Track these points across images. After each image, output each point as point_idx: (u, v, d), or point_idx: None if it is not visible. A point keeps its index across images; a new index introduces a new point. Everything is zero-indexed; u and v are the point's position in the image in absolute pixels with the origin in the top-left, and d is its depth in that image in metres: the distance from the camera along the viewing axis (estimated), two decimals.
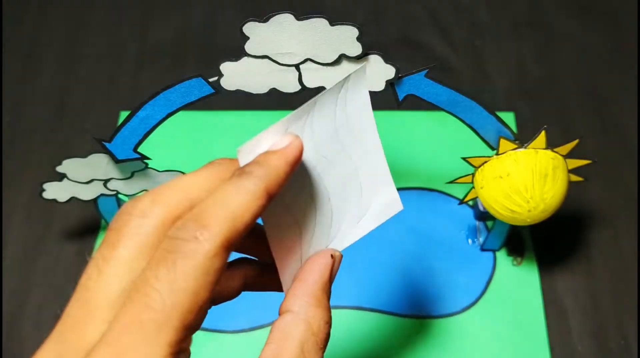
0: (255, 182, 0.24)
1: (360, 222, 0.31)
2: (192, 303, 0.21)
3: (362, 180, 0.31)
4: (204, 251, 0.22)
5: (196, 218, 0.22)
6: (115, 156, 0.40)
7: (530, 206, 0.40)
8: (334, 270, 0.29)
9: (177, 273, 0.21)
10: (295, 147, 0.27)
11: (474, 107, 0.39)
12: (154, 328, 0.21)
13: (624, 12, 0.63)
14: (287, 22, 0.33)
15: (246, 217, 0.23)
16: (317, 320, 0.26)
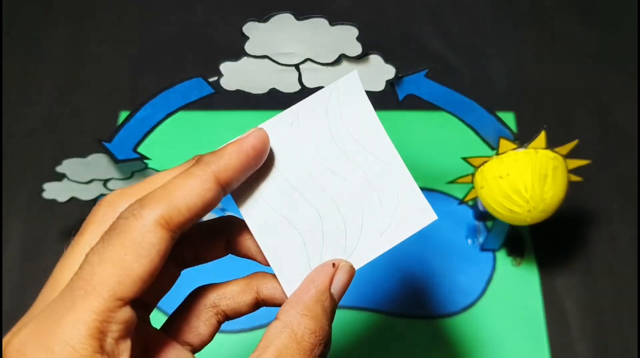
0: (203, 168, 0.26)
1: (384, 234, 0.30)
2: (122, 275, 0.23)
3: (378, 190, 0.30)
4: (137, 226, 0.23)
5: (140, 200, 0.24)
6: (115, 156, 0.40)
7: (530, 206, 0.40)
8: (337, 279, 0.28)
9: (109, 246, 0.23)
10: (255, 136, 0.28)
11: (474, 107, 0.39)
12: (81, 295, 0.22)
13: (624, 12, 0.63)
14: (287, 22, 0.33)
15: (188, 198, 0.24)
16: (301, 329, 0.26)
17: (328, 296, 0.27)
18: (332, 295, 0.27)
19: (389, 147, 0.31)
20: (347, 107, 0.30)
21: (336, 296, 0.28)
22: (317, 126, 0.30)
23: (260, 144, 0.28)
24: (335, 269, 0.28)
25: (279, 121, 0.30)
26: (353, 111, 0.30)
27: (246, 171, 0.27)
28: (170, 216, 0.24)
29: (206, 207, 0.25)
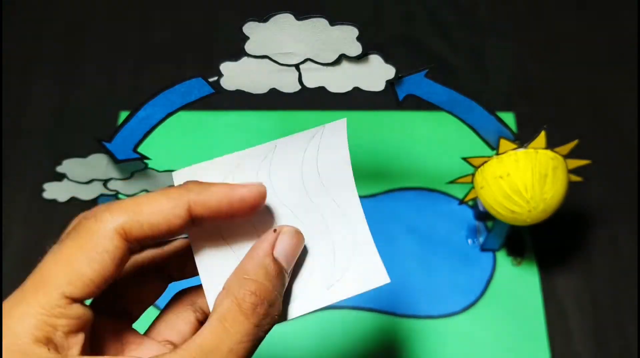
0: (181, 193, 0.26)
1: (332, 287, 0.29)
2: (72, 275, 0.24)
3: (335, 242, 0.30)
4: (96, 230, 0.24)
5: (108, 205, 0.25)
6: (115, 156, 0.40)
7: (530, 206, 0.40)
8: (280, 244, 0.28)
9: (65, 245, 0.25)
10: (250, 190, 0.27)
11: (474, 107, 0.39)
12: (32, 291, 0.24)
13: (624, 12, 0.63)
14: (287, 22, 0.33)
15: (154, 217, 0.25)
16: (242, 292, 0.26)
17: (271, 260, 0.27)
18: (276, 259, 0.27)
19: (355, 200, 0.30)
20: (326, 152, 0.30)
21: (282, 260, 0.27)
22: (290, 164, 0.30)
23: (252, 199, 0.27)
24: (276, 234, 0.28)
25: (254, 151, 0.30)
26: (330, 156, 0.30)
27: (225, 216, 0.27)
28: (130, 228, 0.24)
29: (170, 231, 0.25)
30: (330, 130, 0.30)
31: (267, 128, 0.56)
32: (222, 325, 0.25)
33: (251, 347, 0.26)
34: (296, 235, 0.28)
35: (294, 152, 0.30)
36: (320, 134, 0.30)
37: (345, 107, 0.56)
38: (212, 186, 0.26)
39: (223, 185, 0.27)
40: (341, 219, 0.30)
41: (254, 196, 0.27)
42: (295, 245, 0.28)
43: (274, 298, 0.26)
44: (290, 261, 0.28)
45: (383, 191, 0.53)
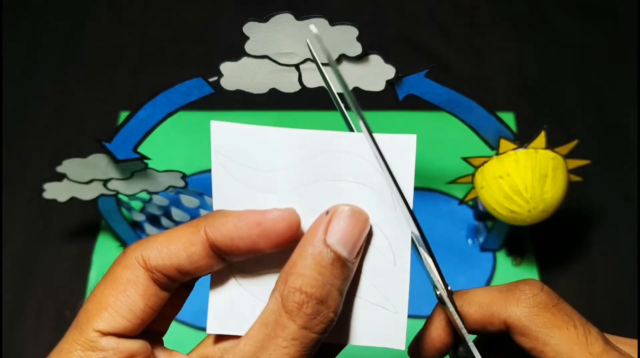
0: (198, 221, 0.24)
1: (345, 329, 0.26)
2: (99, 308, 0.24)
3: (369, 282, 0.26)
4: (119, 262, 0.24)
5: (141, 240, 0.25)
6: (115, 156, 0.40)
7: (530, 206, 0.40)
8: (334, 228, 0.23)
9: (99, 283, 0.25)
10: (274, 216, 0.23)
11: (474, 107, 0.39)
12: (71, 329, 0.24)
13: (624, 12, 0.63)
14: (287, 22, 0.33)
15: (173, 245, 0.24)
16: (287, 289, 0.22)
17: (324, 248, 0.23)
18: (330, 246, 0.23)
19: (407, 251, 0.26)
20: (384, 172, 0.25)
21: (339, 247, 0.23)
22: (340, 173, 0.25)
23: (274, 226, 0.23)
24: (329, 216, 0.23)
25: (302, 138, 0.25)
26: (389, 179, 0.24)
27: (246, 246, 0.24)
28: (149, 257, 0.24)
29: (192, 261, 0.24)
30: (395, 145, 0.25)
31: None
32: (264, 329, 0.22)
33: (301, 354, 0.22)
34: (356, 214, 0.24)
35: (350, 160, 0.25)
36: (384, 144, 0.24)
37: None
38: (231, 212, 0.24)
39: (243, 211, 0.24)
40: (383, 258, 0.26)
41: (279, 222, 0.23)
42: (355, 226, 0.24)
43: (326, 293, 0.22)
44: (351, 248, 0.23)
45: None
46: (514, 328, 0.25)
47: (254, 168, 0.25)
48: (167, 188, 0.44)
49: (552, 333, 0.24)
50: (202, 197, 0.48)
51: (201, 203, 0.48)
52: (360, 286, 0.25)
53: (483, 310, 0.26)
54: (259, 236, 0.23)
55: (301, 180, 0.25)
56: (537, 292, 0.26)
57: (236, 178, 0.25)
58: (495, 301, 0.26)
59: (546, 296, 0.25)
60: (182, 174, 0.43)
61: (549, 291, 0.25)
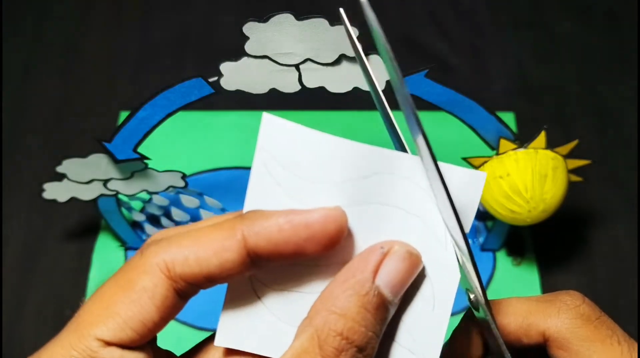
0: (233, 222, 0.22)
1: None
2: (106, 315, 0.22)
3: (405, 326, 0.24)
4: (137, 265, 0.22)
5: (163, 239, 0.23)
6: (115, 156, 0.40)
7: (530, 206, 0.40)
8: (386, 269, 0.21)
9: (106, 284, 0.22)
10: (320, 215, 0.21)
11: (474, 107, 0.39)
12: (67, 332, 0.22)
13: (624, 12, 0.63)
14: (287, 22, 0.33)
15: (202, 251, 0.21)
16: (326, 330, 0.21)
17: (371, 289, 0.21)
18: (378, 288, 0.21)
19: (451, 292, 0.23)
20: (445, 206, 0.23)
21: (387, 290, 0.21)
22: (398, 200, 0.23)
23: (324, 228, 0.21)
24: (384, 255, 0.22)
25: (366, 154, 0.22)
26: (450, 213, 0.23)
27: (291, 252, 0.21)
28: (173, 263, 0.21)
29: (224, 268, 0.21)
30: (462, 179, 0.23)
31: None
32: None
33: None
34: (412, 258, 0.22)
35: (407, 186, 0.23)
36: (450, 175, 0.23)
37: (345, 107, 0.56)
38: (272, 213, 0.22)
39: (286, 211, 0.21)
40: (422, 301, 0.23)
41: (329, 223, 0.21)
42: (408, 271, 0.22)
43: (367, 341, 0.21)
44: (398, 293, 0.22)
45: None
46: (552, 341, 0.24)
47: (300, 175, 0.23)
48: (167, 188, 0.44)
49: (595, 348, 0.23)
50: (202, 197, 0.48)
51: (201, 203, 0.48)
52: (391, 324, 0.23)
53: (519, 321, 0.25)
54: (306, 241, 0.21)
55: (349, 199, 0.23)
56: (579, 303, 0.24)
57: (277, 181, 0.23)
58: (533, 312, 0.25)
59: (588, 309, 0.24)
60: (182, 174, 0.43)
61: (591, 304, 0.24)
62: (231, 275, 0.22)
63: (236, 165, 0.55)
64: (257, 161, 0.23)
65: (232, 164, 0.55)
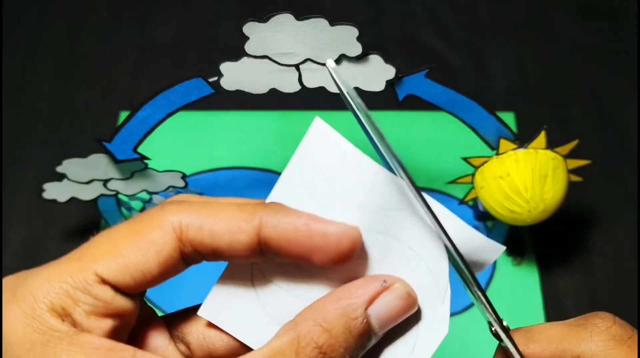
0: (256, 207, 0.22)
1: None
2: (110, 255, 0.22)
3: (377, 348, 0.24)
4: (152, 217, 0.22)
5: (185, 200, 0.23)
6: (115, 156, 0.40)
7: (530, 206, 0.40)
8: (382, 301, 0.22)
9: (120, 225, 0.23)
10: (339, 230, 0.21)
11: (474, 107, 0.39)
12: (67, 259, 0.22)
13: (624, 12, 0.63)
14: (287, 22, 0.33)
15: (218, 223, 0.22)
16: (307, 339, 0.21)
17: (361, 316, 0.22)
18: (368, 317, 0.22)
19: (431, 348, 0.24)
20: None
21: (375, 321, 0.22)
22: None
23: (338, 242, 0.21)
24: (384, 288, 0.22)
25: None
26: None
27: (299, 253, 0.22)
28: (187, 227, 0.22)
29: (232, 247, 0.22)
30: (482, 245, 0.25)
31: (267, 128, 0.56)
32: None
33: None
34: (409, 299, 0.23)
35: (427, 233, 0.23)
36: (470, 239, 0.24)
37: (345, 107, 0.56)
38: (294, 211, 0.22)
39: (307, 214, 0.22)
40: (403, 343, 0.24)
41: (342, 240, 0.22)
42: (401, 311, 0.23)
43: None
44: (385, 327, 0.22)
45: None
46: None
47: (329, 185, 0.23)
48: (167, 188, 0.44)
49: None
50: None
51: None
52: (368, 352, 0.23)
53: (553, 348, 0.25)
54: (317, 249, 0.22)
55: (367, 223, 0.23)
56: (610, 325, 0.25)
57: (306, 184, 0.23)
58: (565, 337, 0.25)
59: (620, 329, 0.24)
60: (182, 174, 0.43)
61: (622, 323, 0.24)
62: (237, 256, 0.22)
63: (236, 165, 0.55)
64: (295, 158, 0.24)
65: (232, 164, 0.55)
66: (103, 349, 0.21)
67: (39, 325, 0.21)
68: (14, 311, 0.21)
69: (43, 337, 0.21)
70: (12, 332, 0.21)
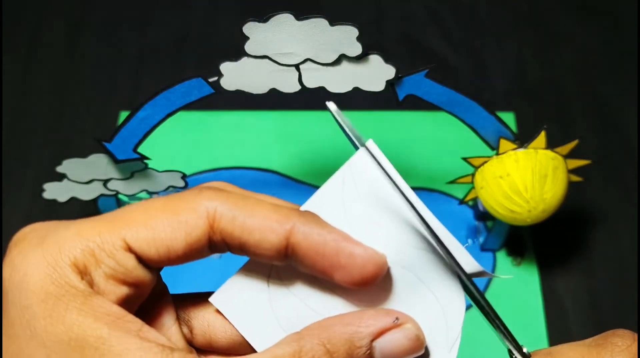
0: (292, 211, 0.22)
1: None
2: (141, 226, 0.22)
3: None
4: (189, 198, 0.22)
5: (220, 185, 0.24)
6: (115, 156, 0.40)
7: (530, 206, 0.40)
8: (390, 337, 0.22)
9: (158, 198, 0.23)
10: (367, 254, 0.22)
11: (474, 107, 0.39)
12: (99, 220, 0.22)
13: (624, 12, 0.63)
14: (287, 22, 0.33)
15: (251, 220, 0.22)
16: (309, 355, 0.21)
17: (365, 346, 0.22)
18: (373, 349, 0.22)
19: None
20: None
21: (378, 355, 0.22)
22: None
23: (364, 266, 0.22)
24: (395, 325, 0.22)
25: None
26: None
27: (321, 268, 0.22)
28: (221, 217, 0.22)
29: (259, 247, 0.22)
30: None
31: (267, 128, 0.56)
32: None
33: None
34: (418, 342, 0.23)
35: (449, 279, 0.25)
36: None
37: (345, 107, 0.56)
38: (327, 225, 0.22)
39: (339, 231, 0.22)
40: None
41: (368, 265, 0.22)
42: (407, 351, 0.23)
43: None
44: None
45: None
46: None
47: (366, 210, 0.23)
48: (167, 188, 0.44)
49: None
50: None
51: None
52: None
53: None
54: (341, 267, 0.22)
55: (394, 256, 0.23)
56: (630, 343, 0.24)
57: (343, 201, 0.23)
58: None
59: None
60: (182, 174, 0.43)
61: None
62: (262, 255, 0.22)
63: (236, 165, 0.55)
64: (339, 173, 0.24)
65: (232, 164, 0.55)
66: (113, 316, 0.21)
67: (58, 277, 0.21)
68: (38, 259, 0.21)
69: (59, 290, 0.21)
70: (31, 278, 0.21)
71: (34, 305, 0.21)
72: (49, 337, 0.20)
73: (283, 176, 0.54)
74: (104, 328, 0.21)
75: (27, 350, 0.21)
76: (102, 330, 0.21)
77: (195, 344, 0.25)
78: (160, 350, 0.21)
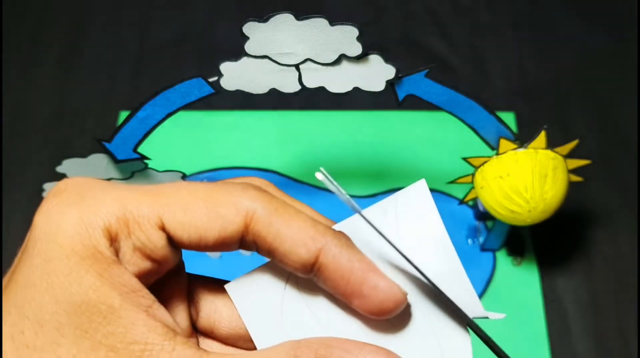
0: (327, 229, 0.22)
1: None
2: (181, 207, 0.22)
3: None
4: (233, 193, 0.22)
5: (262, 184, 0.24)
6: (115, 156, 0.40)
7: (530, 206, 0.40)
8: None
9: (207, 183, 0.23)
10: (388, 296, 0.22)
11: (474, 107, 0.39)
12: (145, 189, 0.22)
13: (624, 12, 0.63)
14: (287, 22, 0.33)
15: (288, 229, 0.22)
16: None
17: None
18: None
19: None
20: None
21: None
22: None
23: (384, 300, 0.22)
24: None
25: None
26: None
27: (342, 290, 0.22)
28: (257, 220, 0.22)
29: (287, 258, 0.22)
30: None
31: (267, 128, 0.56)
32: None
33: None
34: None
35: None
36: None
37: (345, 107, 0.56)
38: (358, 252, 0.22)
39: (368, 261, 0.22)
40: None
41: (388, 300, 0.22)
42: None
43: None
44: None
45: (383, 191, 0.53)
46: None
47: (399, 242, 0.23)
48: None
49: None
50: None
51: None
52: None
53: None
54: (362, 296, 0.22)
55: (414, 298, 0.24)
56: None
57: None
58: None
59: None
60: (182, 174, 0.43)
61: None
62: (287, 264, 0.22)
63: (236, 165, 0.55)
64: (383, 203, 0.24)
65: (232, 164, 0.55)
66: (128, 288, 0.21)
67: (88, 239, 0.21)
68: (74, 215, 0.21)
69: (85, 251, 0.21)
70: (63, 233, 0.21)
71: (58, 259, 0.21)
72: (64, 294, 0.21)
73: (283, 176, 0.54)
74: (116, 298, 0.21)
75: (39, 299, 0.21)
76: (115, 299, 0.21)
77: (197, 326, 0.25)
78: (164, 331, 0.21)
